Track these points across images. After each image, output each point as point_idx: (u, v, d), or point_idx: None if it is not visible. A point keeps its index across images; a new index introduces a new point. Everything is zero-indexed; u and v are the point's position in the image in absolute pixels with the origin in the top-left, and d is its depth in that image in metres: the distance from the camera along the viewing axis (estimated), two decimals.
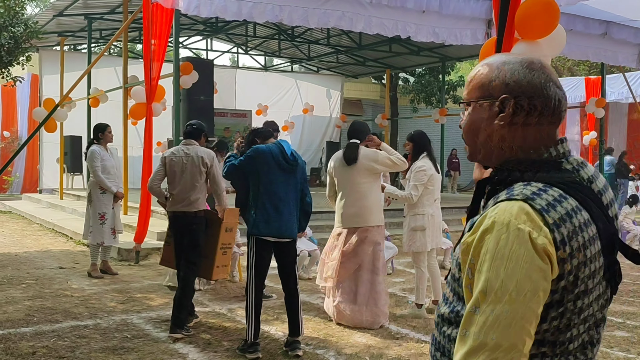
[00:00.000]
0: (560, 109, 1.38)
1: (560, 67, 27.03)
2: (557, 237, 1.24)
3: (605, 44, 12.21)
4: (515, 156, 1.38)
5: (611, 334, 5.67)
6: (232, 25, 16.81)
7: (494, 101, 1.38)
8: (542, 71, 1.37)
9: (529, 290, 1.22)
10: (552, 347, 1.31)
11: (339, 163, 5.88)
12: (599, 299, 1.35)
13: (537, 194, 1.27)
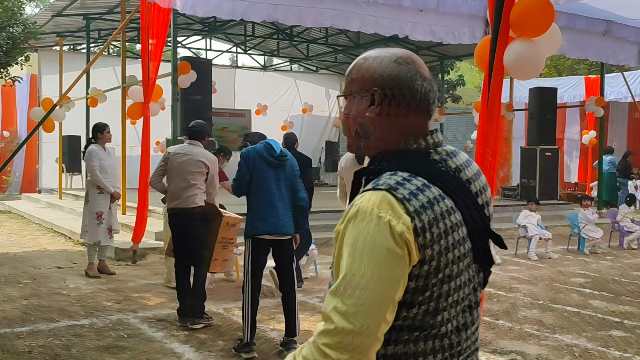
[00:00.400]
0: (427, 101, 1.44)
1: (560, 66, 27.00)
2: (417, 225, 1.29)
3: (605, 42, 12.19)
4: (387, 147, 1.44)
5: (608, 333, 5.65)
6: (231, 25, 16.80)
7: (366, 94, 1.44)
8: (411, 65, 1.44)
9: (386, 276, 1.26)
10: (425, 330, 1.35)
11: (350, 163, 5.73)
12: (469, 282, 1.41)
13: (401, 184, 1.32)
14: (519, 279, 8.19)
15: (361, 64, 1.48)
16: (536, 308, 6.59)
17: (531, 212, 10.20)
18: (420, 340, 1.36)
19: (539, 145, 15.25)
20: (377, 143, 1.46)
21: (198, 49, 21.32)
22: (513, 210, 12.41)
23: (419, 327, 1.35)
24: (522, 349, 5.15)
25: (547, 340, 5.42)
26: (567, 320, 6.12)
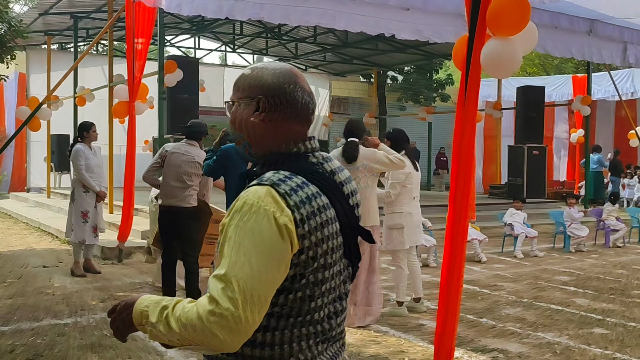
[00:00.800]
0: (307, 111, 1.61)
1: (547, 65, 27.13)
2: (297, 217, 1.43)
3: (590, 41, 12.25)
4: (270, 149, 1.59)
5: (590, 331, 5.70)
6: (219, 24, 16.79)
7: (251, 101, 1.59)
8: (293, 78, 1.61)
9: (270, 262, 1.39)
10: (300, 317, 1.49)
11: (341, 160, 5.81)
12: (340, 274, 1.56)
13: (283, 181, 1.47)
14: (503, 277, 8.24)
15: (248, 74, 1.63)
16: (519, 306, 6.63)
17: (517, 210, 10.26)
18: (296, 326, 1.49)
19: (526, 143, 15.34)
20: (261, 146, 1.60)
21: (187, 47, 21.28)
22: (500, 209, 12.47)
23: (295, 313, 1.48)
24: (504, 346, 5.19)
25: (529, 338, 5.46)
26: (550, 318, 6.16)
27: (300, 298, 1.48)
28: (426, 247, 8.81)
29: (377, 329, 5.67)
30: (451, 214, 3.68)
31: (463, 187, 3.58)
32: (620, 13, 11.53)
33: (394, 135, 6.30)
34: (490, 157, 20.61)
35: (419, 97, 23.74)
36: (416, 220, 6.26)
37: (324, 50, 19.69)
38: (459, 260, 3.66)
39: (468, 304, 6.65)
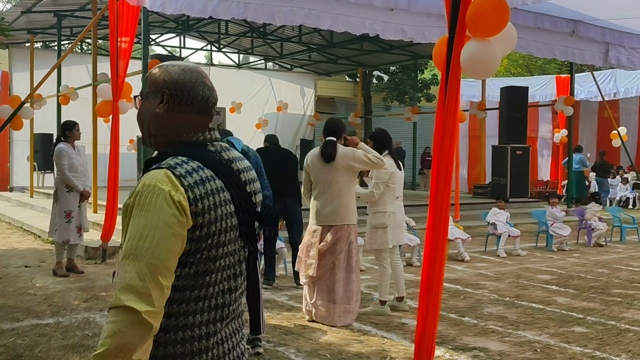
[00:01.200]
0: (207, 104, 1.78)
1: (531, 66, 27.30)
2: (190, 196, 1.59)
3: (572, 42, 12.36)
4: (173, 138, 1.74)
5: (570, 329, 5.76)
6: (204, 23, 16.74)
7: (157, 94, 1.75)
8: (195, 74, 1.78)
9: (168, 234, 1.54)
10: (196, 290, 1.64)
11: (316, 160, 5.86)
12: (235, 253, 1.72)
13: (179, 164, 1.63)
14: (486, 276, 8.30)
15: (156, 71, 1.79)
16: (501, 304, 6.69)
17: (500, 209, 10.34)
18: (192, 300, 1.64)
19: (510, 143, 15.44)
20: (164, 135, 1.75)
21: (172, 46, 21.20)
22: (484, 208, 12.55)
23: (192, 286, 1.63)
24: (485, 345, 5.23)
25: (510, 336, 5.51)
26: (531, 316, 6.22)
27: (196, 272, 1.63)
28: (410, 246, 8.86)
29: (359, 328, 5.70)
30: (432, 213, 3.71)
31: (444, 187, 3.61)
32: (602, 14, 11.64)
33: (377, 136, 6.34)
34: (474, 157, 20.73)
35: (405, 97, 23.83)
36: (399, 219, 6.30)
37: (310, 50, 19.71)
38: (439, 259, 3.68)
39: (451, 302, 6.70)
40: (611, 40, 12.69)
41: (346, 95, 26.62)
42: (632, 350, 5.12)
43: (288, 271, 8.09)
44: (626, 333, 5.65)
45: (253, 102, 21.69)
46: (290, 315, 6.08)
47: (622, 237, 12.01)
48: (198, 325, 1.65)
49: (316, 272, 5.76)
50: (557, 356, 4.97)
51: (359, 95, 22.12)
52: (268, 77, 22.53)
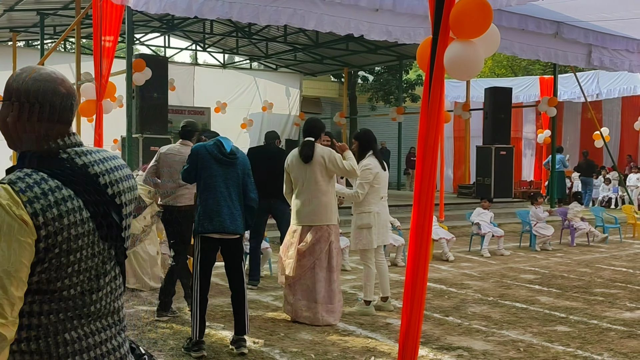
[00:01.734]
0: (61, 111, 1.77)
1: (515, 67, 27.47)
2: (30, 210, 1.61)
3: (556, 43, 12.47)
4: (26, 148, 1.76)
5: (553, 328, 5.80)
6: (189, 22, 16.68)
7: (8, 103, 1.75)
8: (48, 83, 1.77)
9: (16, 245, 1.57)
10: (49, 294, 1.67)
11: (295, 160, 5.88)
12: (94, 256, 1.75)
13: (21, 179, 1.64)
14: (471, 276, 8.34)
15: (12, 79, 1.78)
16: (485, 304, 6.73)
17: (484, 209, 10.39)
18: (45, 302, 1.67)
19: (494, 144, 15.53)
20: (18, 145, 1.78)
21: (157, 46, 21.12)
22: (469, 208, 12.62)
23: (44, 291, 1.67)
24: (469, 344, 5.26)
25: (494, 335, 5.54)
26: (515, 315, 6.26)
27: (46, 279, 1.66)
28: (394, 246, 8.88)
29: (344, 328, 5.70)
30: (415, 213, 3.72)
31: (428, 187, 3.62)
32: (585, 16, 11.75)
33: (361, 136, 6.36)
34: (459, 158, 20.83)
35: (390, 98, 23.88)
36: (384, 219, 6.32)
37: (295, 50, 19.70)
38: (423, 259, 3.69)
39: (435, 302, 6.73)
40: (594, 42, 12.81)
41: (331, 95, 26.63)
42: (613, 349, 5.17)
43: (273, 271, 8.08)
44: (608, 332, 5.70)
45: (238, 102, 21.65)
46: (275, 315, 6.08)
47: None
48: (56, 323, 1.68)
49: (294, 272, 5.77)
50: (540, 355, 5.01)
51: (344, 96, 22.14)
52: (253, 77, 22.51)
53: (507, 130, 15.94)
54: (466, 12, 3.44)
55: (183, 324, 5.73)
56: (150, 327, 5.62)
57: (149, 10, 8.09)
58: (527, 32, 11.61)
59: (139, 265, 7.08)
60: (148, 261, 7.15)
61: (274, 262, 8.16)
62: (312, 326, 5.70)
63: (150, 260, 7.18)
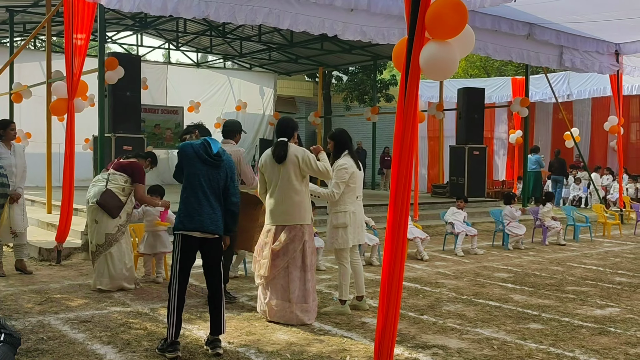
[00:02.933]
0: None
1: (488, 67, 27.74)
2: None
3: (528, 45, 12.65)
4: None
5: (526, 326, 5.86)
6: (162, 21, 16.53)
7: None
8: None
9: None
10: None
11: (269, 160, 5.88)
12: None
13: None
14: (445, 275, 8.40)
15: None
16: (460, 302, 6.78)
17: (458, 209, 10.48)
18: None
19: (467, 144, 15.67)
20: None
21: (129, 44, 20.89)
22: (443, 207, 12.71)
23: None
24: (444, 343, 5.29)
25: (469, 334, 5.58)
26: (489, 313, 6.32)
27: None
28: (369, 245, 8.91)
29: (320, 327, 5.70)
30: (391, 213, 3.73)
31: (404, 187, 3.64)
32: (557, 18, 11.92)
33: (336, 136, 6.37)
34: (433, 157, 20.98)
35: (365, 97, 23.96)
36: (359, 219, 6.33)
37: (270, 49, 19.65)
38: (399, 258, 3.71)
39: (410, 301, 6.76)
40: (565, 44, 13.01)
41: (306, 94, 26.63)
42: (585, 346, 5.25)
43: (248, 272, 8.05)
44: (580, 329, 5.78)
45: (212, 102, 21.56)
46: (251, 316, 6.05)
47: (575, 235, 12.30)
48: None
49: (268, 272, 5.78)
50: (514, 352, 5.06)
51: (319, 95, 22.15)
52: (227, 76, 22.41)
53: (480, 130, 16.10)
54: (441, 12, 3.46)
55: (157, 325, 5.68)
56: (124, 328, 5.56)
57: (123, 8, 8.01)
58: (500, 33, 11.75)
59: (113, 266, 6.99)
60: (123, 262, 7.06)
61: (248, 262, 8.13)
62: (287, 326, 5.69)
63: (125, 261, 7.09)
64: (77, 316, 5.92)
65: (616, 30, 12.82)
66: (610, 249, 11.22)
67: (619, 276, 8.53)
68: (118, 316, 5.96)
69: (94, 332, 5.40)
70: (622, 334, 5.63)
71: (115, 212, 6.96)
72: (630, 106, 20.89)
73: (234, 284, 7.45)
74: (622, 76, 15.07)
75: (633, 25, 12.18)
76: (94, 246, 7.02)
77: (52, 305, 6.31)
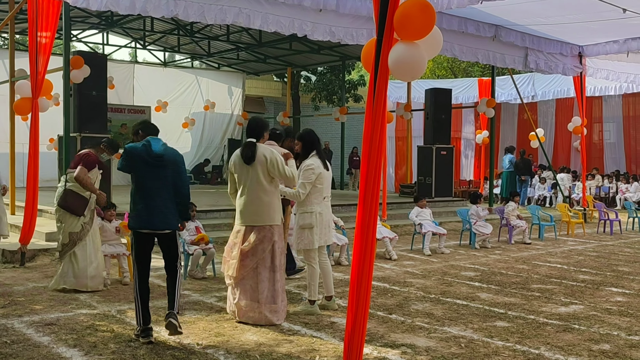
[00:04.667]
0: None
1: (455, 68, 28.03)
2: None
3: (494, 46, 12.82)
4: None
5: (493, 324, 5.94)
6: (129, 19, 16.31)
7: None
8: None
9: None
10: None
11: (238, 160, 5.87)
12: None
13: None
14: (413, 274, 8.47)
15: None
16: (428, 301, 6.84)
17: (421, 208, 10.57)
18: None
19: (435, 144, 15.81)
20: None
21: (95, 43, 20.61)
22: (410, 207, 12.78)
23: None
24: (413, 341, 5.33)
25: (437, 332, 5.64)
26: (456, 312, 6.39)
27: None
28: (338, 245, 8.94)
29: (289, 327, 5.70)
30: (360, 212, 3.75)
31: (373, 187, 3.66)
32: (522, 20, 12.11)
33: (304, 136, 6.37)
34: (401, 157, 21.12)
35: (333, 98, 24.00)
36: (327, 219, 6.34)
37: (238, 49, 19.56)
38: (369, 258, 3.73)
39: (379, 300, 6.80)
40: (530, 45, 13.21)
41: (275, 94, 26.57)
42: (550, 343, 5.34)
43: (217, 272, 8.01)
44: (545, 326, 5.88)
45: (179, 101, 21.39)
46: (220, 317, 6.02)
47: (540, 234, 12.51)
48: None
49: (237, 273, 5.80)
50: (481, 350, 5.12)
51: (287, 95, 22.13)
52: (195, 75, 22.25)
53: (447, 131, 16.26)
54: (410, 14, 3.49)
55: (124, 327, 5.62)
56: (90, 330, 5.48)
57: (90, 7, 7.90)
58: (466, 35, 11.89)
59: (77, 265, 6.89)
60: (88, 261, 6.96)
61: (217, 263, 8.09)
62: (257, 327, 5.68)
63: (90, 260, 6.99)
64: (42, 319, 5.82)
65: (580, 33, 13.08)
66: (574, 248, 11.43)
67: (583, 274, 8.70)
68: (84, 318, 5.88)
69: (60, 335, 5.32)
70: (586, 331, 5.75)
71: (80, 211, 6.90)
72: (593, 107, 21.34)
73: (203, 285, 7.41)
74: (585, 78, 15.37)
75: (596, 28, 12.44)
76: (60, 245, 6.98)
77: (15, 309, 6.19)
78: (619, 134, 21.69)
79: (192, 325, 5.69)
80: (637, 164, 21.29)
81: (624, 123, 21.54)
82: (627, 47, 13.62)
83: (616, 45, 13.82)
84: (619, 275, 8.66)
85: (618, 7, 10.37)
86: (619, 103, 21.45)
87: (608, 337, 5.54)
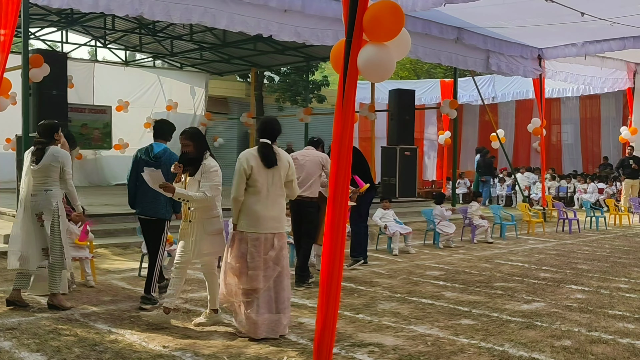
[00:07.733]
0: None
1: (418, 70, 28.31)
2: None
3: (457, 49, 13.00)
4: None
5: (458, 322, 6.02)
6: (89, 17, 16.05)
7: None
8: None
9: None
10: None
11: (257, 162, 5.46)
12: None
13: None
14: (379, 274, 8.53)
15: None
16: (394, 301, 6.90)
17: (385, 209, 10.65)
18: None
19: (399, 144, 15.94)
20: None
21: (53, 41, 20.22)
22: (374, 207, 12.85)
23: None
24: (380, 340, 5.37)
25: (404, 331, 5.69)
26: (422, 311, 6.46)
27: None
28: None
29: None
30: (330, 213, 3.76)
31: (342, 187, 3.68)
32: (484, 23, 12.30)
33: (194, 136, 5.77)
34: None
35: (297, 98, 24.00)
36: None
37: (202, 49, 19.41)
38: (339, 259, 3.75)
39: (346, 300, 6.83)
40: (492, 48, 13.43)
41: (238, 95, 26.44)
42: (514, 340, 5.44)
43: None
44: (508, 324, 5.99)
45: (141, 101, 21.13)
46: (187, 318, 5.97)
47: (502, 233, 12.72)
48: None
49: (262, 284, 5.37)
50: (447, 348, 5.19)
51: (251, 96, 22.05)
52: (157, 75, 22.00)
53: (411, 131, 16.41)
54: (379, 15, 3.52)
55: (88, 330, 5.52)
56: (53, 334, 5.37)
57: (51, 4, 7.76)
58: (430, 37, 12.02)
59: None
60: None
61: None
62: (225, 328, 5.64)
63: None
64: (3, 324, 5.69)
65: (539, 36, 13.35)
66: (535, 246, 11.66)
67: (544, 272, 8.88)
68: (46, 322, 5.76)
69: (21, 340, 5.20)
70: (548, 328, 5.87)
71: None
72: (552, 109, 21.80)
73: None
74: (545, 80, 15.69)
75: (555, 31, 12.72)
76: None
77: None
78: (576, 135, 22.21)
79: (159, 328, 5.62)
80: (594, 164, 21.82)
81: (581, 124, 22.08)
82: (585, 50, 13.97)
83: (574, 48, 14.16)
84: (578, 272, 8.86)
85: (577, 11, 10.62)
86: (576, 105, 21.97)
87: (569, 334, 5.67)
